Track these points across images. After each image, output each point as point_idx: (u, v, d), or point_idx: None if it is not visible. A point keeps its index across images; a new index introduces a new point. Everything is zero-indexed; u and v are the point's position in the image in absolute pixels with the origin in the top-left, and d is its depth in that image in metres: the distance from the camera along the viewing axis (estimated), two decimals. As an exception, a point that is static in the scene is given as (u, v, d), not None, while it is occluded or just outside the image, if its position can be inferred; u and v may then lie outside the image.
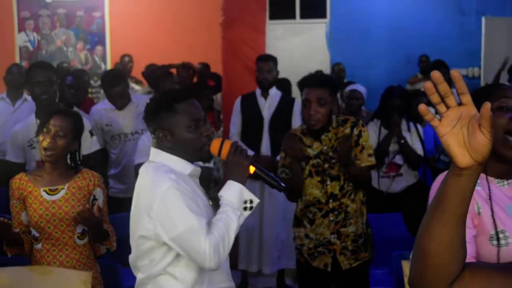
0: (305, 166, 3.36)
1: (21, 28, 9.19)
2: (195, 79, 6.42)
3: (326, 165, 3.34)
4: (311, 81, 3.34)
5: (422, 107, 1.23)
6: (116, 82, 4.55)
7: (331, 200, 3.33)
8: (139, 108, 4.54)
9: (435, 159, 5.06)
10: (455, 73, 1.21)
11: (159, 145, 2.28)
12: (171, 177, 2.15)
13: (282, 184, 2.04)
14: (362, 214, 3.41)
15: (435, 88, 1.21)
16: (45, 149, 2.86)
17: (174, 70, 5.95)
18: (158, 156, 2.26)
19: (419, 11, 9.11)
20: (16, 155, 3.85)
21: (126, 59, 7.95)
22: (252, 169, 2.07)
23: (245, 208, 2.08)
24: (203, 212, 2.15)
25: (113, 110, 4.61)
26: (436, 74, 1.21)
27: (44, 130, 2.88)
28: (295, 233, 3.48)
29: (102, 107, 4.84)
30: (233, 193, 2.08)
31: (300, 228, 3.43)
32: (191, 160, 2.27)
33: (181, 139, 2.21)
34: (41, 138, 2.88)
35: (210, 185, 5.11)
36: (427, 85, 1.22)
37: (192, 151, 2.23)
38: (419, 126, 4.73)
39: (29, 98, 5.64)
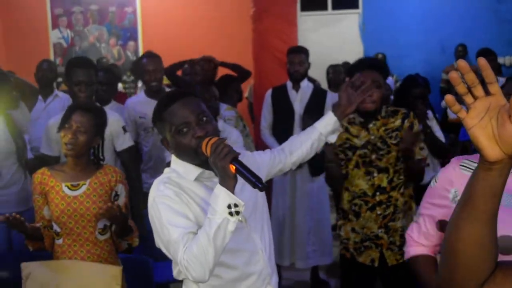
0: (351, 156, 3.28)
1: (55, 25, 9.29)
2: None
3: (373, 156, 3.25)
4: (365, 64, 3.28)
5: (448, 97, 1.16)
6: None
7: (378, 193, 3.24)
8: None
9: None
10: (482, 61, 1.14)
11: None
12: (159, 188, 2.12)
13: (263, 185, 1.90)
14: (411, 209, 3.32)
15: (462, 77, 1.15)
16: (66, 144, 2.86)
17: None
18: (173, 162, 2.23)
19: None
20: (50, 148, 3.88)
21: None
22: (232, 168, 1.93)
23: (230, 214, 1.92)
24: (194, 222, 2.05)
25: (148, 102, 4.58)
26: (462, 63, 1.14)
27: (66, 125, 2.88)
28: (341, 226, 3.40)
29: (137, 99, 4.85)
30: (216, 199, 1.94)
31: (346, 222, 3.35)
32: (198, 164, 2.16)
33: (174, 145, 2.14)
34: (62, 133, 2.88)
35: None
36: (452, 75, 1.14)
37: (189, 156, 2.13)
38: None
39: (60, 94, 5.70)
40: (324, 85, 6.21)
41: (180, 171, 2.17)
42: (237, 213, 1.92)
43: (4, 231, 3.71)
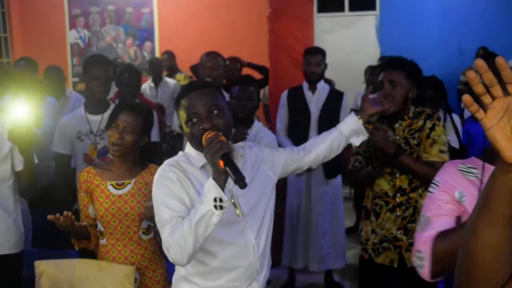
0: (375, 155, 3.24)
1: (72, 25, 9.34)
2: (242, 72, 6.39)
3: None
4: (385, 64, 3.26)
5: (466, 97, 1.14)
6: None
7: (398, 194, 3.20)
8: None
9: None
10: (500, 60, 1.11)
11: None
12: (165, 169, 2.21)
13: (244, 184, 1.92)
14: None
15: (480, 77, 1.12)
16: (113, 144, 2.85)
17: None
18: (187, 147, 2.31)
19: (472, 1, 8.86)
20: (63, 146, 3.88)
21: (164, 56, 8.01)
22: (222, 163, 1.97)
23: (215, 207, 1.96)
24: (188, 207, 2.12)
25: None
26: (479, 63, 1.12)
27: (113, 125, 2.87)
28: (362, 227, 3.37)
29: None
30: (205, 190, 2.00)
31: (367, 222, 3.32)
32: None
33: (185, 133, 2.24)
34: (110, 133, 2.88)
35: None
36: (470, 75, 1.12)
37: (195, 145, 2.21)
38: (455, 117, 4.58)
39: (71, 94, 5.73)
40: (340, 86, 6.16)
41: (190, 156, 2.26)
42: (221, 207, 1.97)
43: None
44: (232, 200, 2.22)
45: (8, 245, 3.11)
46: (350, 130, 2.57)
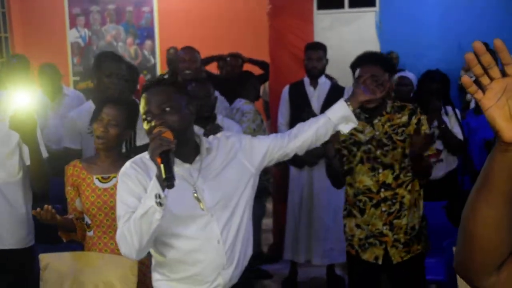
0: (356, 152, 3.24)
1: (72, 24, 9.36)
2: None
3: (378, 152, 3.19)
4: (364, 59, 3.22)
5: (465, 79, 1.16)
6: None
7: (382, 190, 3.18)
8: None
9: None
10: (498, 42, 1.13)
11: None
12: (126, 166, 2.26)
13: (171, 184, 1.95)
14: (417, 207, 3.26)
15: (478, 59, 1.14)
16: (97, 137, 2.88)
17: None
18: None
19: (473, -3, 8.88)
20: (73, 141, 3.87)
21: (171, 51, 8.01)
22: (159, 160, 2.00)
23: (157, 203, 1.99)
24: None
25: None
26: (477, 44, 1.14)
27: (98, 118, 2.89)
28: (345, 223, 3.36)
29: None
30: (150, 186, 2.03)
31: (350, 218, 3.31)
32: None
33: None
34: (94, 126, 2.90)
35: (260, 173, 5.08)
36: (468, 56, 1.14)
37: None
38: (457, 110, 4.61)
39: (69, 92, 5.76)
40: (340, 83, 6.17)
41: None
42: (160, 204, 1.99)
43: None
44: (195, 195, 2.24)
45: (15, 240, 3.11)
46: (339, 116, 2.48)
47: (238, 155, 2.37)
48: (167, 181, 1.95)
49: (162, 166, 1.97)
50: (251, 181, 2.39)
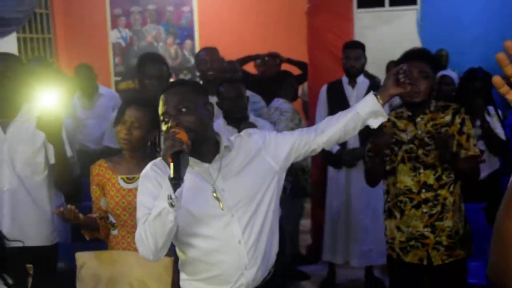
0: (397, 151, 3.18)
1: (114, 25, 9.46)
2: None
3: (420, 152, 3.13)
4: (410, 54, 3.16)
5: (496, 79, 1.11)
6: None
7: (423, 190, 3.12)
8: None
9: None
10: (509, 43, 1.09)
11: None
12: (147, 168, 2.26)
13: (178, 184, 1.93)
14: (460, 209, 3.19)
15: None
16: (121, 139, 2.89)
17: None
18: None
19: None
20: (112, 140, 3.93)
21: (211, 51, 8.06)
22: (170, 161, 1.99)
23: (170, 204, 1.98)
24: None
25: None
26: (509, 43, 1.10)
27: (121, 121, 2.90)
28: (386, 225, 3.31)
29: None
30: (163, 188, 2.02)
31: (391, 219, 3.25)
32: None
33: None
34: (118, 129, 2.91)
35: (298, 173, 5.06)
36: (499, 56, 1.10)
37: None
38: (499, 110, 4.50)
39: (104, 91, 5.82)
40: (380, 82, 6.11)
41: None
42: (172, 205, 1.98)
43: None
44: (214, 194, 2.23)
45: (40, 237, 3.18)
46: (368, 111, 2.37)
47: (261, 152, 2.34)
48: (174, 181, 1.94)
49: (172, 166, 1.96)
50: (276, 179, 2.35)
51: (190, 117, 2.17)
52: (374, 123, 2.41)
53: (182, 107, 2.19)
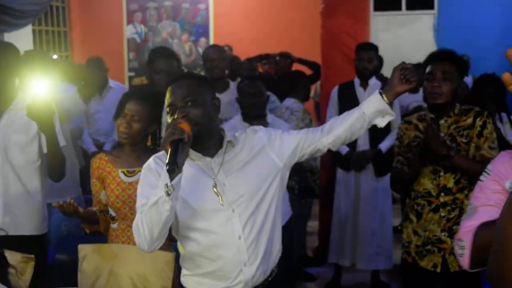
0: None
1: (130, 20, 9.49)
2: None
3: None
4: (438, 55, 3.12)
5: (506, 76, 1.08)
6: None
7: (442, 194, 3.08)
8: (235, 95, 4.54)
9: None
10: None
11: None
12: (150, 160, 2.26)
13: (171, 169, 1.92)
14: None
15: None
16: (121, 132, 2.88)
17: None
18: None
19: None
20: None
21: (226, 48, 8.05)
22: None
23: (167, 193, 1.97)
24: None
25: None
26: (510, 52, 1.06)
27: (121, 114, 2.89)
28: (403, 229, 3.26)
29: None
30: (161, 177, 2.02)
31: (407, 223, 3.21)
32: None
33: None
34: (118, 122, 2.90)
35: (307, 174, 5.03)
36: (509, 52, 1.06)
37: None
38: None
39: (114, 84, 5.81)
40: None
41: None
42: (168, 193, 1.97)
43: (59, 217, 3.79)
44: (215, 189, 2.21)
45: (31, 227, 3.17)
46: (374, 110, 2.31)
47: (266, 149, 2.32)
48: (169, 166, 1.93)
49: (169, 152, 1.96)
50: (279, 176, 2.32)
51: (196, 110, 2.17)
52: (381, 122, 2.35)
53: (190, 99, 2.18)
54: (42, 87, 2.77)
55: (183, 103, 2.18)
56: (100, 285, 2.80)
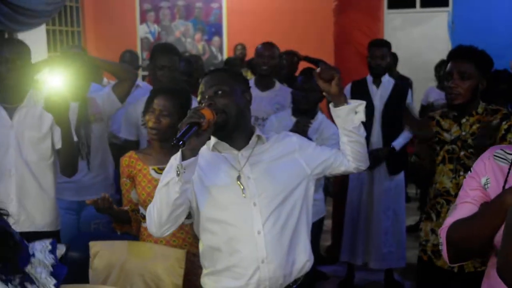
0: (439, 151, 3.10)
1: (143, 20, 9.51)
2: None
3: (462, 153, 3.04)
4: (455, 53, 3.06)
5: None
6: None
7: None
8: (278, 97, 4.54)
9: None
10: None
11: None
12: None
13: (176, 142, 1.94)
14: None
15: None
16: (150, 128, 2.87)
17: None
18: None
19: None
20: (130, 132, 3.93)
21: (239, 47, 8.06)
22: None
23: (177, 174, 2.01)
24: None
25: (254, 89, 4.64)
26: None
27: (149, 110, 2.90)
28: (421, 228, 3.24)
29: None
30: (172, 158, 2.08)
31: (427, 222, 3.18)
32: (216, 135, 2.26)
33: None
34: (147, 117, 2.90)
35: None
36: None
37: None
38: None
39: (142, 84, 5.80)
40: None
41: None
42: (178, 174, 2.00)
43: (74, 218, 3.80)
44: (238, 182, 2.22)
45: (46, 223, 3.19)
46: (345, 121, 2.33)
47: (295, 154, 2.33)
48: (175, 141, 1.96)
49: (182, 132, 1.98)
50: (305, 182, 2.32)
51: (224, 100, 2.22)
52: (360, 116, 2.34)
53: (218, 89, 2.23)
54: (58, 81, 2.80)
55: (211, 92, 2.23)
56: (112, 281, 2.79)
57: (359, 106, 2.34)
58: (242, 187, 2.22)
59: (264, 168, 2.27)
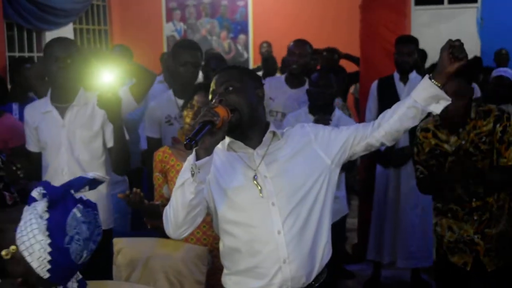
0: (444, 163, 3.11)
1: (169, 18, 9.54)
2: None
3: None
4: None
5: None
6: None
7: (474, 199, 3.08)
8: (305, 96, 4.54)
9: None
10: None
11: None
12: None
13: (188, 144, 1.88)
14: (509, 215, 3.12)
15: None
16: (187, 124, 2.87)
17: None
18: None
19: None
20: (153, 130, 3.92)
21: (265, 45, 8.04)
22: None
23: (192, 174, 1.96)
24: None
25: (284, 85, 4.63)
26: None
27: (188, 105, 2.89)
28: (436, 222, 3.24)
29: (275, 80, 4.94)
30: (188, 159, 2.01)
31: (443, 217, 3.19)
32: (230, 134, 2.19)
33: None
34: (185, 113, 2.90)
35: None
36: None
37: None
38: None
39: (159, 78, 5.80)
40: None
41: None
42: (192, 174, 1.95)
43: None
44: (255, 182, 2.17)
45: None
46: (426, 97, 2.15)
47: (313, 145, 2.24)
48: (187, 140, 1.91)
49: (196, 130, 1.94)
50: (326, 174, 2.23)
51: (235, 96, 2.16)
52: (436, 109, 2.19)
53: (229, 85, 2.19)
54: (110, 77, 2.83)
55: (222, 89, 2.19)
56: (135, 278, 2.79)
57: (445, 101, 2.19)
58: (259, 187, 2.16)
59: (280, 165, 2.20)
